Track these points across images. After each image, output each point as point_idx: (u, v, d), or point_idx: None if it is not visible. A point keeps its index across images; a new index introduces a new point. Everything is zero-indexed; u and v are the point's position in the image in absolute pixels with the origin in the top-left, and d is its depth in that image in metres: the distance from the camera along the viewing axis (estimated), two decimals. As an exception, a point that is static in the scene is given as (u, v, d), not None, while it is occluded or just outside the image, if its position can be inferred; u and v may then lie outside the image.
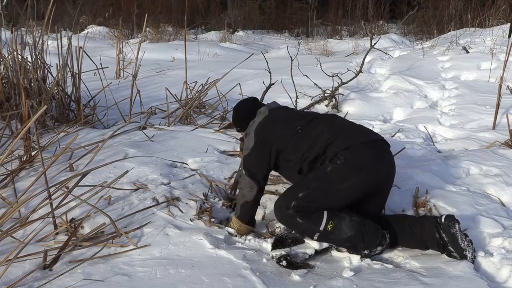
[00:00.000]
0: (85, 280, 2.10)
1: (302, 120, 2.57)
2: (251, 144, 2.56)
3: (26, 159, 3.24)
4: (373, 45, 5.88)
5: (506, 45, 5.14)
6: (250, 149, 2.56)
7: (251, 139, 2.56)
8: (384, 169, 2.45)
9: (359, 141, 2.41)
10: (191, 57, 8.59)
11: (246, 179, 2.56)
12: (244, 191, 2.58)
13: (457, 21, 10.27)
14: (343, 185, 2.34)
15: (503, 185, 3.09)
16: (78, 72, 4.19)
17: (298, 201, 2.31)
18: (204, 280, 2.13)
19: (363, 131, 2.54)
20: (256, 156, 2.55)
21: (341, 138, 2.41)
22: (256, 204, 2.63)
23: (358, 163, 2.34)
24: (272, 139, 2.53)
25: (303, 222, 2.31)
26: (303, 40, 11.55)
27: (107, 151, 3.35)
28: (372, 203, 2.48)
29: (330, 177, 2.34)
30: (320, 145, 2.41)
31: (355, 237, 2.34)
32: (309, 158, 2.42)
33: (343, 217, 2.34)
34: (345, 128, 2.54)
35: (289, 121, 2.57)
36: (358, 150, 2.37)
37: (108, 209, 2.66)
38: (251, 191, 2.55)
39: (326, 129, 2.48)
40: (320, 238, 2.35)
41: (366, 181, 2.37)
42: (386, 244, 2.42)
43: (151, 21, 11.14)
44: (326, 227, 2.30)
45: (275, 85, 4.56)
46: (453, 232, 2.33)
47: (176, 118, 4.28)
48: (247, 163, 2.58)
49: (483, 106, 4.75)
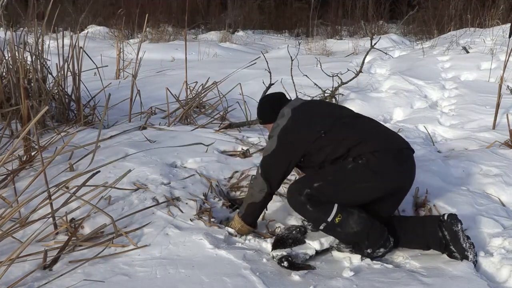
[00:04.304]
0: (85, 280, 2.10)
1: (325, 122, 2.50)
2: (273, 147, 2.51)
3: (26, 159, 3.24)
4: (373, 45, 5.89)
5: (506, 45, 5.14)
6: (271, 152, 2.51)
7: (273, 142, 2.52)
8: (403, 177, 2.45)
9: (384, 147, 2.40)
10: (191, 57, 8.58)
11: (260, 180, 2.53)
12: (254, 190, 2.55)
13: (457, 21, 10.26)
14: (358, 185, 2.35)
15: (503, 185, 3.10)
16: (78, 72, 4.19)
17: (312, 190, 2.33)
18: (204, 280, 2.13)
19: (389, 135, 2.51)
20: (275, 160, 2.52)
21: (367, 142, 2.39)
22: (263, 207, 2.62)
23: (379, 169, 2.33)
24: (295, 147, 2.48)
25: (313, 211, 2.34)
26: (303, 40, 11.54)
27: (107, 151, 3.35)
28: (384, 206, 2.49)
29: (348, 174, 2.34)
30: (344, 147, 2.38)
31: (360, 234, 2.34)
32: (332, 157, 2.40)
33: (352, 212, 2.35)
34: (371, 131, 2.51)
35: (312, 125, 2.51)
36: (382, 155, 2.36)
37: (108, 209, 2.65)
38: (261, 193, 2.53)
39: (351, 134, 2.44)
40: (326, 229, 2.36)
41: (382, 186, 2.38)
42: (389, 248, 2.42)
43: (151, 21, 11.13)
44: (334, 219, 2.32)
45: (275, 85, 4.56)
46: (455, 230, 2.34)
47: (176, 118, 4.28)
48: (265, 164, 2.54)
49: (483, 106, 4.75)
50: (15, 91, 3.91)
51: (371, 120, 2.63)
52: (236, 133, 3.91)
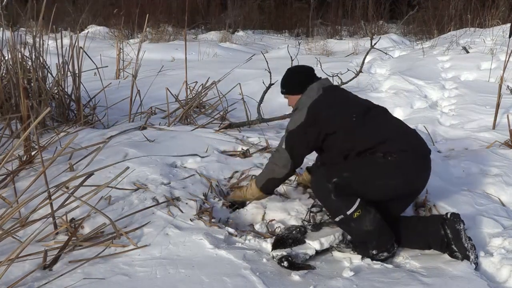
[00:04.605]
0: (85, 280, 2.10)
1: (358, 107, 2.48)
2: (300, 121, 2.45)
3: (26, 159, 3.24)
4: (373, 45, 5.89)
5: (506, 45, 5.14)
6: (298, 125, 2.45)
7: (302, 115, 2.45)
8: (423, 181, 2.48)
9: (412, 148, 2.40)
10: (191, 57, 8.58)
11: (284, 155, 2.45)
12: (276, 166, 2.48)
13: (457, 21, 10.27)
14: (386, 181, 2.35)
15: (503, 185, 3.10)
16: (78, 72, 4.19)
17: (340, 179, 2.32)
18: (204, 280, 2.13)
19: (418, 139, 2.50)
20: (302, 135, 2.45)
21: (397, 140, 2.39)
22: (283, 182, 2.56)
23: (405, 169, 2.34)
24: (325, 122, 2.43)
25: (336, 200, 2.32)
26: (303, 40, 11.54)
27: (107, 151, 3.35)
28: (398, 205, 2.51)
29: (379, 169, 2.34)
30: (373, 140, 2.37)
31: (372, 233, 2.35)
32: (359, 149, 2.39)
33: (370, 210, 2.35)
34: (401, 130, 2.50)
35: (345, 106, 2.48)
36: (410, 156, 2.36)
37: (108, 209, 2.66)
38: (284, 169, 2.46)
39: (382, 126, 2.43)
40: (341, 221, 2.36)
41: (403, 185, 2.39)
42: (392, 253, 2.42)
43: (151, 21, 11.13)
44: (353, 213, 2.32)
45: (275, 85, 4.55)
46: (458, 229, 2.34)
47: (176, 118, 4.28)
48: (290, 138, 2.47)
49: (483, 106, 4.75)
50: (15, 91, 3.91)
51: (398, 120, 2.61)
52: (236, 133, 3.91)
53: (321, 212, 2.68)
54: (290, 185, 3.06)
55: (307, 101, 2.51)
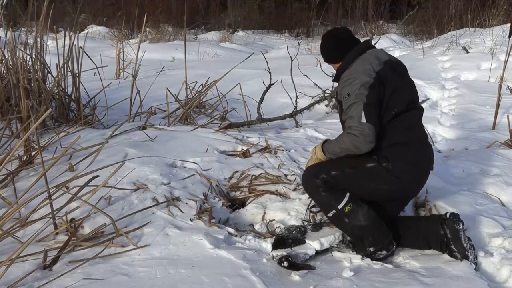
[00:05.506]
0: (85, 280, 2.10)
1: (410, 93, 2.45)
2: (357, 87, 2.27)
3: (26, 159, 3.24)
4: (373, 45, 5.88)
5: (506, 45, 5.14)
6: (362, 91, 2.26)
7: (356, 83, 2.29)
8: (417, 189, 2.52)
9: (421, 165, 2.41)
10: (191, 57, 8.58)
11: (365, 130, 2.19)
12: (361, 146, 2.22)
13: (457, 21, 10.27)
14: (374, 184, 2.36)
15: (503, 185, 3.10)
16: (78, 72, 4.19)
17: (328, 176, 2.35)
18: (204, 280, 2.13)
19: (430, 157, 2.49)
20: (370, 96, 2.25)
21: (410, 150, 2.36)
22: None
23: (403, 179, 2.34)
24: (383, 88, 2.32)
25: (325, 196, 2.35)
26: (303, 40, 11.54)
27: (107, 151, 3.35)
28: (390, 206, 2.52)
29: (367, 173, 2.34)
30: (390, 140, 2.32)
31: (367, 228, 2.35)
32: (390, 141, 2.33)
33: (362, 205, 2.37)
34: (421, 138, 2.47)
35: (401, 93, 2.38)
36: (414, 172, 2.38)
37: (108, 209, 2.65)
38: (370, 144, 2.21)
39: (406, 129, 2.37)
40: (334, 216, 2.38)
41: (396, 191, 2.41)
42: (391, 251, 2.42)
43: (151, 21, 11.13)
44: (344, 207, 2.33)
45: (275, 85, 4.55)
46: (457, 228, 2.34)
47: (176, 118, 4.28)
48: (364, 109, 2.22)
49: (483, 106, 4.75)
50: (15, 91, 3.91)
51: (423, 128, 2.54)
52: (236, 133, 3.91)
53: (321, 212, 2.68)
54: (290, 185, 3.06)
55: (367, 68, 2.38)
